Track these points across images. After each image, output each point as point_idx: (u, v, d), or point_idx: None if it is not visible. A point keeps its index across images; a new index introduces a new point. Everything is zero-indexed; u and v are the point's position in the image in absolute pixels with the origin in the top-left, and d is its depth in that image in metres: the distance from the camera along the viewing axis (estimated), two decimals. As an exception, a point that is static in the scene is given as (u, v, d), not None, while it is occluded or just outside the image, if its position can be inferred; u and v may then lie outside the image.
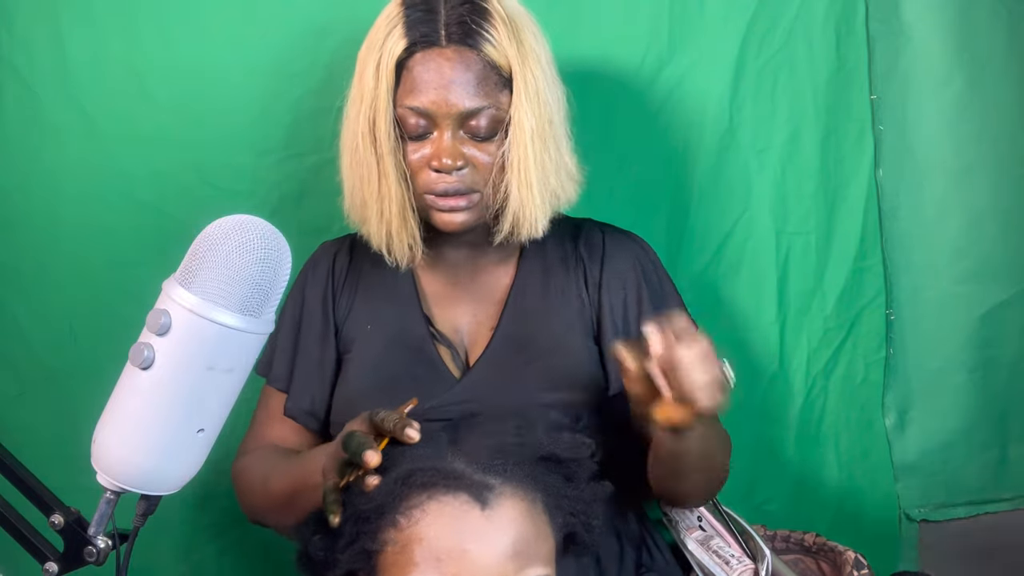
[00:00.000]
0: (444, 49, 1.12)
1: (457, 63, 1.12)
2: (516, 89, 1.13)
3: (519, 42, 1.14)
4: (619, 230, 1.30)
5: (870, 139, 1.54)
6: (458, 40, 1.12)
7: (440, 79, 1.11)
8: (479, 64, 1.12)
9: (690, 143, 1.51)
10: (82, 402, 0.86)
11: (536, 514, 0.88)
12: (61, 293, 1.41)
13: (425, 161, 1.14)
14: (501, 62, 1.13)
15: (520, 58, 1.13)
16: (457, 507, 0.84)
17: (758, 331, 1.56)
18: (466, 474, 0.86)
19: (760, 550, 1.30)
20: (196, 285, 0.75)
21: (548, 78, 1.17)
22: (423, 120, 1.13)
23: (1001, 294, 1.56)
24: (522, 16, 1.17)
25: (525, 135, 1.14)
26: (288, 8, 1.42)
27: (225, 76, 1.41)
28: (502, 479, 0.87)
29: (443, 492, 0.84)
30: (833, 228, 1.56)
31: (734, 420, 1.39)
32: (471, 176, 1.15)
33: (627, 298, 1.24)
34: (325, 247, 1.31)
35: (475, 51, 1.12)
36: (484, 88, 1.12)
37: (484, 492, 0.85)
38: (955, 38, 1.51)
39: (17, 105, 1.38)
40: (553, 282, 1.25)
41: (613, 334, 1.22)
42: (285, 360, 1.26)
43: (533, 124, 1.14)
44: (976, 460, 1.60)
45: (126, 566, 0.82)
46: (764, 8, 1.50)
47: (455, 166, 1.13)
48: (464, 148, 1.14)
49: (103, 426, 0.78)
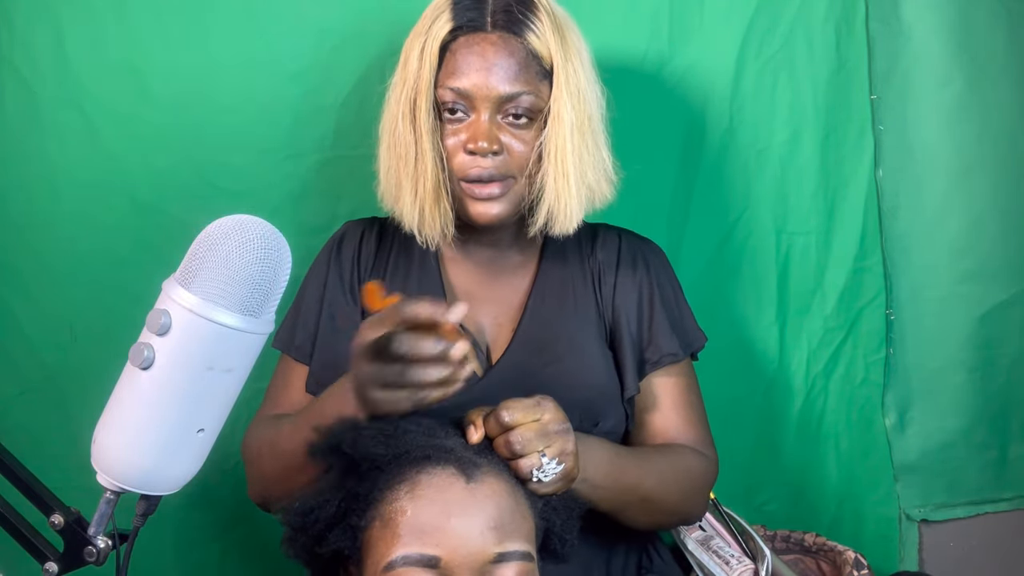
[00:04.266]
0: (489, 34, 1.13)
1: (500, 48, 1.12)
2: (557, 81, 1.14)
3: (563, 38, 1.15)
4: (635, 236, 1.31)
5: (870, 139, 1.54)
6: (503, 27, 1.13)
7: (483, 62, 1.12)
8: (522, 51, 1.13)
9: (690, 143, 1.51)
10: (82, 402, 0.86)
11: (519, 496, 0.90)
12: (61, 293, 1.41)
13: (462, 144, 1.15)
14: (544, 53, 1.14)
15: (563, 52, 1.14)
16: (444, 479, 0.86)
17: (758, 331, 1.56)
18: (456, 449, 0.89)
19: (760, 550, 1.30)
20: (196, 285, 0.75)
21: (589, 76, 1.18)
22: (462, 101, 1.14)
23: (1001, 294, 1.56)
24: (566, 16, 1.18)
25: (564, 127, 1.14)
26: (288, 8, 1.42)
27: (225, 76, 1.41)
28: (489, 459, 0.90)
29: (433, 464, 0.87)
30: (833, 228, 1.56)
31: (734, 420, 1.39)
32: (506, 162, 1.15)
33: (641, 304, 1.25)
34: (350, 226, 1.30)
35: (519, 38, 1.13)
36: (525, 75, 1.13)
37: (471, 468, 0.87)
38: (955, 38, 1.51)
39: (17, 105, 1.38)
40: (572, 286, 1.25)
41: (627, 339, 1.23)
42: (307, 335, 1.25)
43: (572, 118, 1.14)
44: (976, 460, 1.60)
45: (126, 566, 0.82)
46: (764, 8, 1.50)
47: (490, 149, 1.13)
48: (501, 135, 1.14)
49: (103, 426, 0.78)
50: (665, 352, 1.24)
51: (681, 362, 1.25)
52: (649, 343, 1.24)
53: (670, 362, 1.24)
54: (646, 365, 1.24)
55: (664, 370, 1.24)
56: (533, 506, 0.92)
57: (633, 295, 1.25)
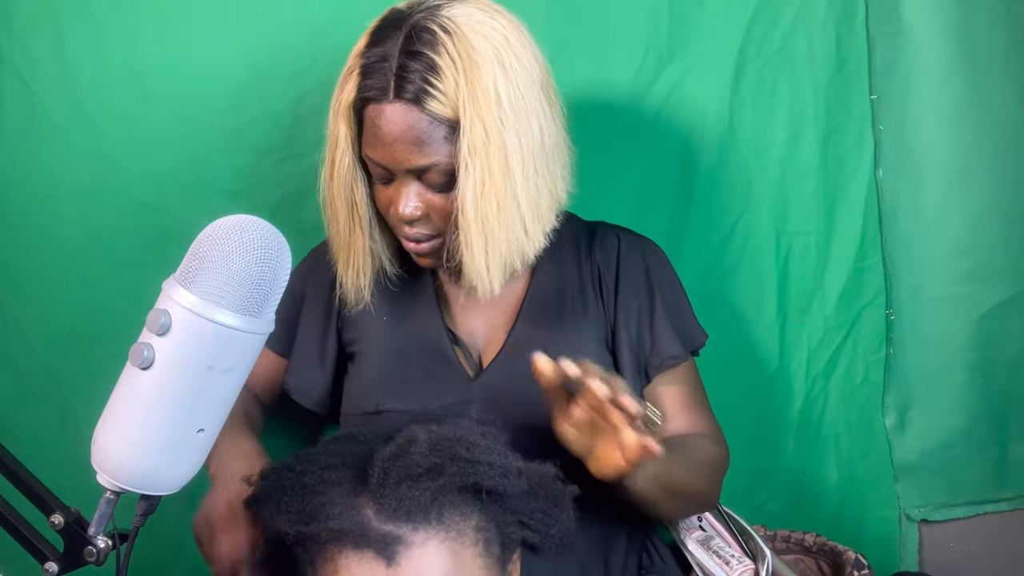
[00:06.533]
0: (390, 104, 1.07)
1: (402, 120, 1.07)
2: (460, 140, 1.07)
3: (472, 85, 1.06)
4: (634, 235, 1.30)
5: (870, 139, 1.54)
6: (402, 96, 1.06)
7: (388, 136, 1.08)
8: (424, 121, 1.07)
9: (690, 143, 1.51)
10: (82, 402, 0.86)
11: (460, 550, 0.85)
12: (61, 293, 1.41)
13: (387, 204, 1.14)
14: (449, 114, 1.07)
15: (470, 103, 1.06)
16: (363, 565, 0.82)
17: (758, 331, 1.56)
18: (371, 528, 0.84)
19: (760, 550, 1.30)
20: (196, 285, 0.75)
21: (510, 115, 1.07)
22: (380, 169, 1.12)
23: (1001, 294, 1.56)
24: (485, 46, 1.07)
25: (467, 189, 1.08)
26: (288, 8, 1.42)
27: (225, 76, 1.41)
28: (413, 524, 0.84)
29: (351, 548, 0.83)
30: (833, 228, 1.56)
31: (734, 420, 1.39)
32: (431, 223, 1.14)
33: (641, 308, 1.24)
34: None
35: (419, 107, 1.06)
36: (431, 145, 1.07)
37: (390, 546, 0.82)
38: (955, 38, 1.51)
39: (17, 105, 1.38)
40: (569, 288, 1.25)
41: (627, 342, 1.23)
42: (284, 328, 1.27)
43: (476, 178, 1.07)
44: (976, 460, 1.60)
45: (126, 566, 0.82)
46: (764, 8, 1.50)
47: (411, 217, 1.12)
48: (426, 195, 1.12)
49: (103, 426, 0.78)
50: (667, 356, 1.24)
51: (684, 363, 1.25)
52: (652, 347, 1.23)
53: (672, 364, 1.24)
54: (649, 369, 1.24)
55: (669, 374, 1.24)
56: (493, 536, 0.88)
57: (634, 299, 1.24)
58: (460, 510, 0.86)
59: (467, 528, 0.86)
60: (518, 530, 0.91)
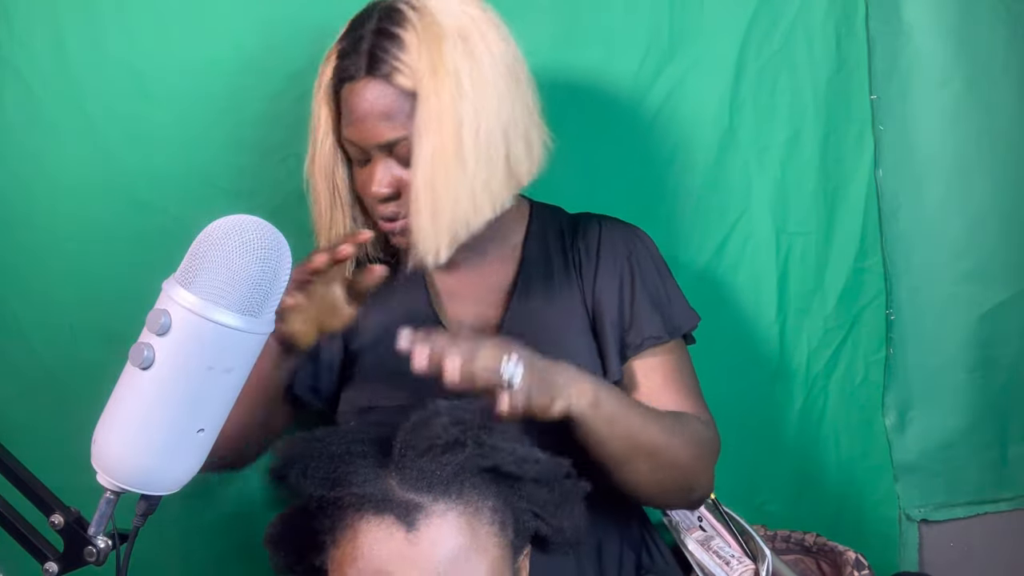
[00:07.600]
0: (361, 81, 1.12)
1: (371, 94, 1.12)
2: (416, 111, 1.10)
3: (433, 57, 1.10)
4: (617, 221, 1.30)
5: (870, 139, 1.55)
6: (372, 71, 1.11)
7: (360, 111, 1.12)
8: (391, 95, 1.11)
9: (690, 143, 1.51)
10: (82, 402, 0.86)
11: (477, 526, 0.85)
12: (61, 293, 1.41)
13: (364, 186, 1.17)
14: (413, 86, 1.10)
15: (430, 73, 1.09)
16: (383, 530, 0.83)
17: (758, 331, 1.56)
18: (394, 494, 0.84)
19: (760, 550, 1.30)
20: (196, 285, 0.75)
21: (467, 88, 1.09)
22: (356, 149, 1.16)
23: (1001, 294, 1.56)
24: (449, 22, 1.11)
25: (421, 158, 1.10)
26: (288, 8, 1.42)
27: (225, 76, 1.41)
28: (434, 495, 0.84)
29: (372, 514, 0.84)
30: (833, 228, 1.56)
31: (734, 420, 1.39)
32: (405, 200, 1.15)
33: (622, 289, 1.24)
34: None
35: (385, 81, 1.11)
36: (398, 118, 1.11)
37: (411, 513, 0.83)
38: (955, 38, 1.52)
39: (17, 105, 1.38)
40: (555, 278, 1.25)
41: (608, 325, 1.22)
42: None
43: (429, 145, 1.10)
44: (976, 460, 1.60)
45: (126, 566, 0.82)
46: (764, 8, 1.50)
47: (382, 195, 1.15)
48: (397, 171, 1.14)
49: (103, 426, 0.77)
50: (647, 335, 1.22)
51: (667, 343, 1.24)
52: (631, 326, 1.23)
53: (652, 344, 1.23)
54: (628, 349, 1.22)
55: (649, 353, 1.23)
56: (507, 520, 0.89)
57: (614, 281, 1.24)
58: (479, 490, 0.87)
59: (484, 507, 0.87)
60: (531, 520, 0.91)
